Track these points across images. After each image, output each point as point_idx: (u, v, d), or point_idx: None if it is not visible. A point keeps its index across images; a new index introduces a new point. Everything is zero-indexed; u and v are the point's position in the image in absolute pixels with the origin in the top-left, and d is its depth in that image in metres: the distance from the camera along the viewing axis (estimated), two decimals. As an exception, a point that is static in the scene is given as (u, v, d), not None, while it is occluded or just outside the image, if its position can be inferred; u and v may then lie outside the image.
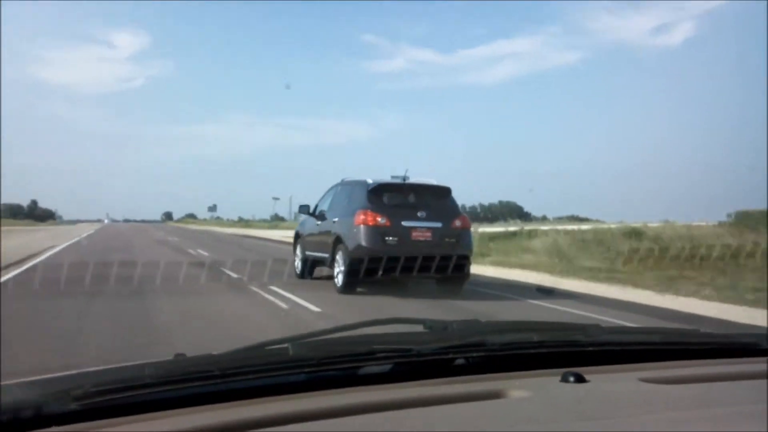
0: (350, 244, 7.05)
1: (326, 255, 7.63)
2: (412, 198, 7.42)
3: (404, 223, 7.05)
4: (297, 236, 9.15)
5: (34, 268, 9.83)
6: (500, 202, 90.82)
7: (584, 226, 22.53)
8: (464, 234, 7.43)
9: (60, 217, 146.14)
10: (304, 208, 8.89)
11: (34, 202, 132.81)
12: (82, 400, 0.85)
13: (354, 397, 0.93)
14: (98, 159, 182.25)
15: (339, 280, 7.21)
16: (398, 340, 1.08)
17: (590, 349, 1.12)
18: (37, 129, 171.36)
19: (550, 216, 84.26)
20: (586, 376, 1.00)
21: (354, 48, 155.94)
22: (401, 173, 7.66)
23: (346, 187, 8.00)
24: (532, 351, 1.09)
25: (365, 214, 7.03)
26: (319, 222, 8.22)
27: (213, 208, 59.24)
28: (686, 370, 1.09)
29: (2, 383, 0.94)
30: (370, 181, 7.53)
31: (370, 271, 6.79)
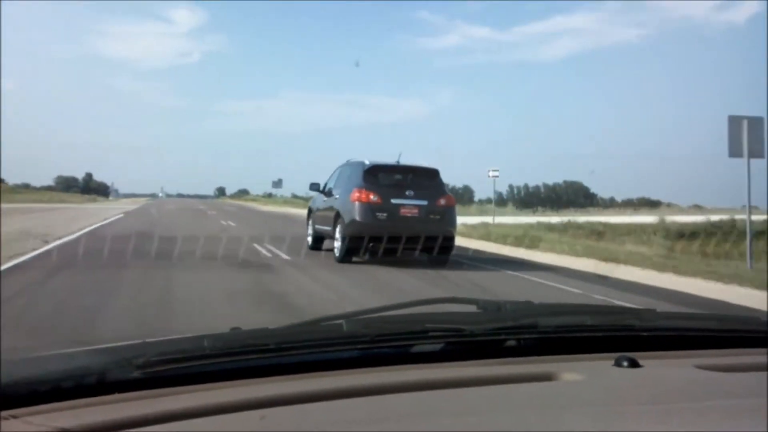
0: (346, 219, 8.37)
1: (329, 228, 8.94)
2: (402, 178, 8.83)
3: (394, 201, 8.37)
4: (309, 212, 10.68)
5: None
6: (565, 182, 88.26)
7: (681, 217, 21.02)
8: (449, 211, 8.70)
9: (116, 191, 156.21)
10: (314, 186, 10.16)
11: (88, 175, 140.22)
12: (144, 368, 0.92)
13: (406, 375, 0.99)
14: (156, 133, 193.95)
15: (337, 250, 8.56)
16: (451, 320, 1.14)
17: (644, 334, 1.14)
18: (96, 103, 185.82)
19: (618, 198, 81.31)
20: (640, 361, 1.02)
21: (409, 25, 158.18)
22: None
23: (348, 167, 9.26)
24: (586, 334, 1.12)
25: (360, 192, 8.37)
26: (326, 199, 9.53)
27: (278, 184, 58.87)
28: (744, 358, 1.09)
29: (68, 350, 1.06)
30: (367, 162, 8.80)
31: (365, 243, 8.20)
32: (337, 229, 8.66)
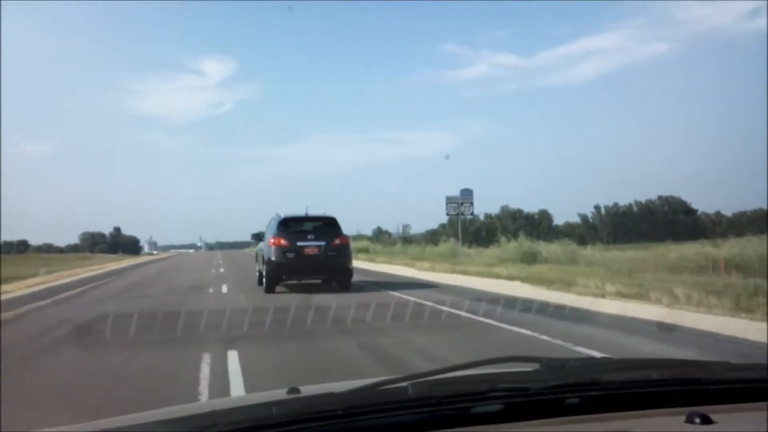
0: (266, 258, 13.47)
1: (260, 266, 14.45)
2: (306, 226, 13.86)
3: (299, 243, 13.27)
4: (256, 255, 16.11)
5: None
6: (660, 198, 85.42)
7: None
8: (343, 248, 13.70)
9: (154, 244, 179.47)
10: (256, 236, 15.74)
11: (116, 230, 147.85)
12: None
13: None
14: (191, 183, 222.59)
15: (263, 283, 13.67)
16: (514, 379, 1.32)
17: (714, 387, 1.27)
18: (130, 158, 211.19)
19: (725, 211, 77.97)
20: (712, 417, 1.15)
21: (435, 58, 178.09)
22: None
23: (272, 220, 14.46)
24: (653, 390, 1.27)
25: (274, 238, 13.37)
26: (260, 244, 14.95)
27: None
28: None
29: (140, 419, 1.29)
30: (281, 215, 13.99)
31: (282, 276, 13.50)
32: (262, 267, 13.98)
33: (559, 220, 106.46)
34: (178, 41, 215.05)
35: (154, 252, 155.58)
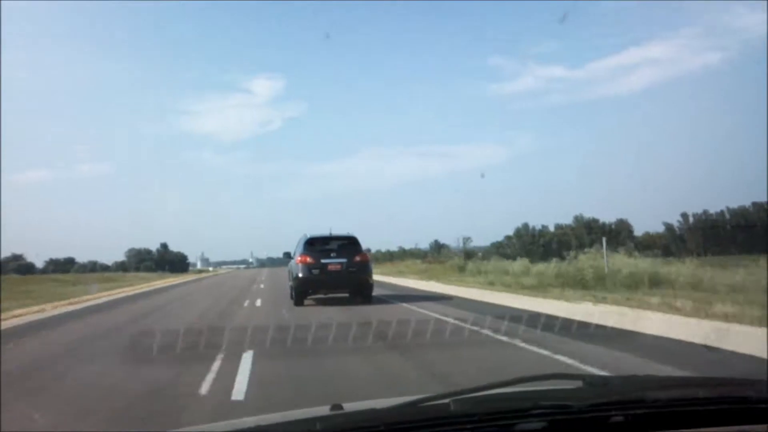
0: (294, 274, 16.37)
1: (290, 282, 17.35)
2: (330, 245, 16.41)
3: (323, 260, 15.87)
4: (289, 272, 18.59)
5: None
6: (754, 204, 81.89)
7: None
8: (363, 265, 16.32)
9: (206, 260, 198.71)
10: (287, 254, 18.77)
11: (163, 246, 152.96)
12: None
13: None
14: (242, 201, 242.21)
15: (292, 296, 16.63)
16: (557, 396, 1.42)
17: (762, 406, 1.34)
18: (182, 176, 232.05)
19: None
20: None
21: (482, 71, 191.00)
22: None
23: (300, 240, 17.17)
24: (699, 408, 1.35)
25: (301, 257, 16.03)
26: (290, 262, 17.73)
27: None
28: None
29: None
30: (308, 235, 16.66)
31: (308, 290, 16.26)
32: (291, 282, 16.95)
33: (640, 230, 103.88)
34: (228, 61, 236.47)
35: (210, 269, 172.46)
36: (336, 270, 15.87)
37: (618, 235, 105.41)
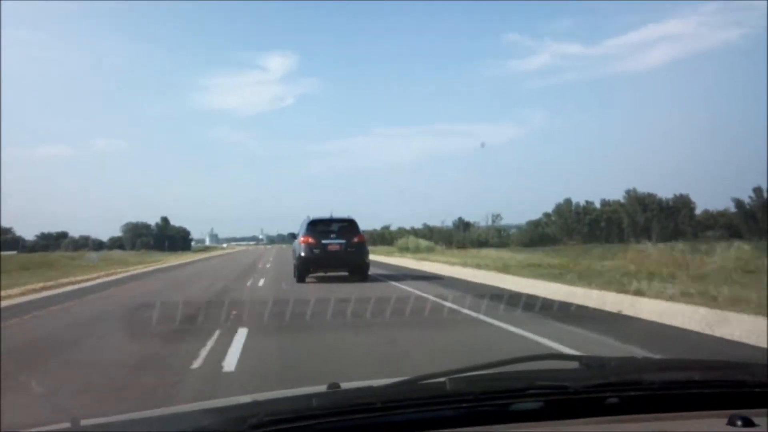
0: (297, 253, 19.54)
1: (294, 261, 20.15)
2: (330, 227, 19.65)
3: (323, 241, 19.01)
4: (293, 251, 21.22)
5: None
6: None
7: None
8: (360, 245, 19.53)
9: (215, 236, 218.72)
10: (291, 235, 23.08)
11: (164, 220, 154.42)
12: (258, 428, 1.36)
13: None
14: (254, 177, 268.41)
15: (295, 274, 19.70)
16: (553, 377, 1.59)
17: (758, 390, 1.49)
18: (195, 152, 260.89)
19: None
20: (755, 420, 1.38)
21: (498, 48, 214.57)
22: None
23: (303, 222, 20.49)
24: (695, 391, 1.51)
25: (304, 237, 19.20)
26: (294, 242, 21.18)
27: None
28: None
29: (184, 409, 1.60)
30: (310, 217, 20.02)
31: (310, 269, 19.38)
32: (294, 261, 20.06)
33: (705, 206, 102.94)
34: (243, 38, 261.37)
35: (224, 246, 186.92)
36: (335, 250, 19.11)
37: (677, 212, 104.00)
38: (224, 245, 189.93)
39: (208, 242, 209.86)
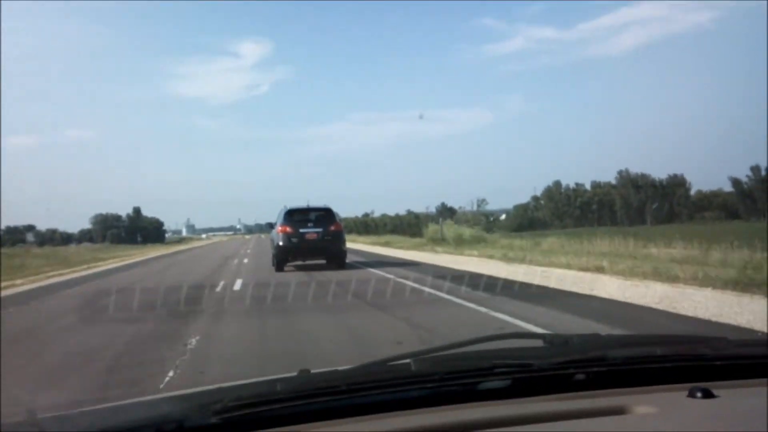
0: (275, 242, 20.76)
1: (272, 250, 21.50)
2: (308, 216, 20.74)
3: (301, 230, 20.15)
4: (271, 241, 22.63)
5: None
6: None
7: None
8: (337, 233, 20.73)
9: (192, 227, 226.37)
10: (269, 224, 23.79)
11: (135, 211, 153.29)
12: (222, 414, 1.40)
13: (475, 413, 1.50)
14: (229, 166, 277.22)
15: (273, 263, 21.03)
16: (518, 355, 1.67)
17: (718, 363, 1.58)
18: (169, 141, 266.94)
19: None
20: (714, 392, 1.47)
21: (472, 32, 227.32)
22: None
23: (281, 211, 21.49)
24: (656, 365, 1.59)
25: (281, 226, 20.30)
26: (272, 231, 22.20)
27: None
28: None
29: (147, 398, 1.63)
30: (287, 207, 21.18)
31: (288, 258, 20.55)
32: (273, 249, 21.29)
33: (699, 186, 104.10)
34: (216, 23, 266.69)
35: (203, 236, 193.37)
36: (312, 239, 20.33)
37: (672, 193, 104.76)
38: (204, 236, 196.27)
39: (184, 233, 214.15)
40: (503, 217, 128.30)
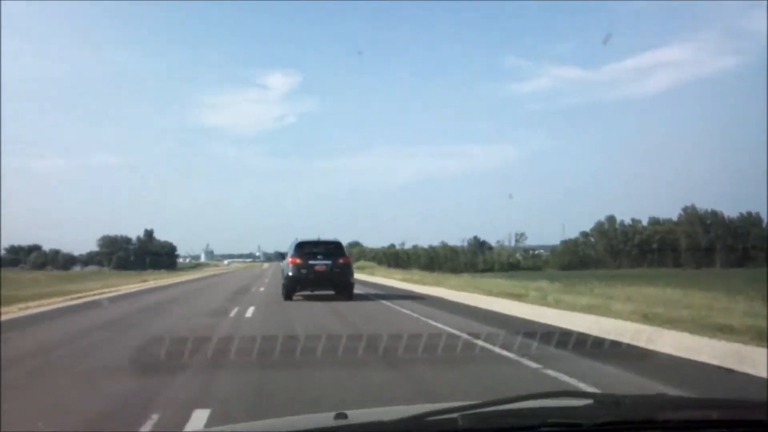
0: (285, 273, 24.28)
1: (282, 281, 24.81)
2: (317, 248, 24.53)
3: (310, 262, 23.57)
4: (281, 270, 25.91)
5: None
6: None
7: None
8: (345, 266, 24.29)
9: (210, 253, 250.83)
10: (280, 255, 29.84)
11: (148, 234, 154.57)
12: None
13: None
14: (253, 194, 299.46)
15: (282, 293, 24.32)
16: (567, 414, 1.79)
17: None
18: (194, 169, 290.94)
19: None
20: None
21: (498, 71, 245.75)
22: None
23: (292, 243, 24.93)
24: (712, 430, 1.69)
25: (292, 258, 23.75)
26: (283, 262, 25.94)
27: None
28: None
29: None
30: (299, 239, 24.84)
31: (297, 287, 23.90)
32: (283, 280, 24.28)
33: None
34: (245, 55, 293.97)
35: (225, 262, 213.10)
36: (321, 270, 23.34)
37: (747, 234, 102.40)
38: (225, 262, 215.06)
39: (203, 258, 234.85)
40: (541, 252, 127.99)
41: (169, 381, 8.23)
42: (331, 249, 24.20)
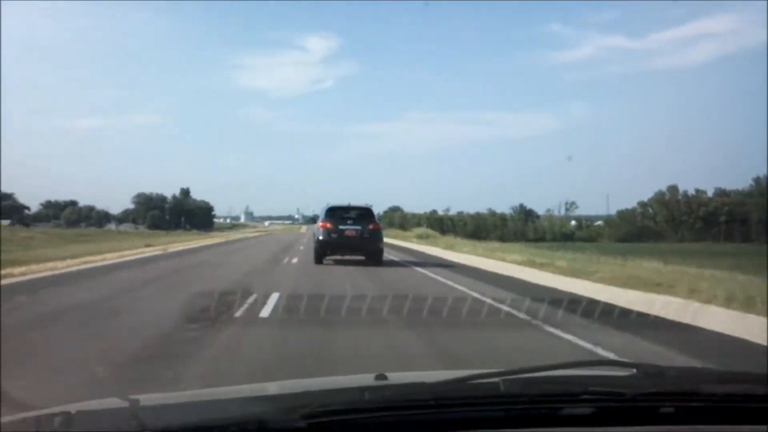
0: (316, 237, 26.19)
1: (314, 244, 26.72)
2: (348, 213, 26.09)
3: (341, 227, 25.14)
4: (313, 234, 28.25)
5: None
6: None
7: None
8: (375, 232, 25.90)
9: (250, 214, 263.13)
10: (311, 219, 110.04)
11: (183, 192, 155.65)
12: (309, 418, 1.62)
13: None
14: (291, 157, 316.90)
15: (314, 256, 26.19)
16: (609, 383, 1.87)
17: None
18: (232, 131, 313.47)
19: None
20: None
21: (539, 38, 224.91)
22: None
23: (324, 208, 26.70)
24: (756, 405, 1.76)
25: (323, 222, 25.67)
26: (314, 226, 29.48)
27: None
28: None
29: (231, 394, 1.87)
30: (330, 204, 26.71)
31: (327, 252, 25.69)
32: (314, 244, 26.02)
33: None
34: (284, 17, 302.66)
35: (266, 224, 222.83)
36: (352, 235, 24.72)
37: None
38: (266, 223, 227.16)
39: (242, 219, 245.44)
40: (598, 223, 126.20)
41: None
42: (362, 214, 25.56)
